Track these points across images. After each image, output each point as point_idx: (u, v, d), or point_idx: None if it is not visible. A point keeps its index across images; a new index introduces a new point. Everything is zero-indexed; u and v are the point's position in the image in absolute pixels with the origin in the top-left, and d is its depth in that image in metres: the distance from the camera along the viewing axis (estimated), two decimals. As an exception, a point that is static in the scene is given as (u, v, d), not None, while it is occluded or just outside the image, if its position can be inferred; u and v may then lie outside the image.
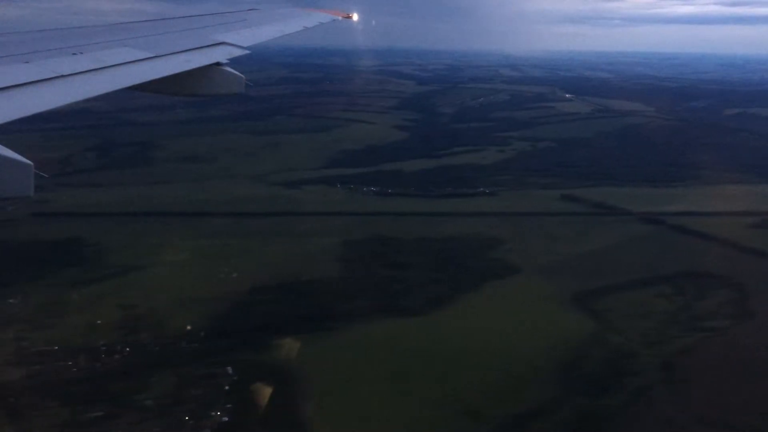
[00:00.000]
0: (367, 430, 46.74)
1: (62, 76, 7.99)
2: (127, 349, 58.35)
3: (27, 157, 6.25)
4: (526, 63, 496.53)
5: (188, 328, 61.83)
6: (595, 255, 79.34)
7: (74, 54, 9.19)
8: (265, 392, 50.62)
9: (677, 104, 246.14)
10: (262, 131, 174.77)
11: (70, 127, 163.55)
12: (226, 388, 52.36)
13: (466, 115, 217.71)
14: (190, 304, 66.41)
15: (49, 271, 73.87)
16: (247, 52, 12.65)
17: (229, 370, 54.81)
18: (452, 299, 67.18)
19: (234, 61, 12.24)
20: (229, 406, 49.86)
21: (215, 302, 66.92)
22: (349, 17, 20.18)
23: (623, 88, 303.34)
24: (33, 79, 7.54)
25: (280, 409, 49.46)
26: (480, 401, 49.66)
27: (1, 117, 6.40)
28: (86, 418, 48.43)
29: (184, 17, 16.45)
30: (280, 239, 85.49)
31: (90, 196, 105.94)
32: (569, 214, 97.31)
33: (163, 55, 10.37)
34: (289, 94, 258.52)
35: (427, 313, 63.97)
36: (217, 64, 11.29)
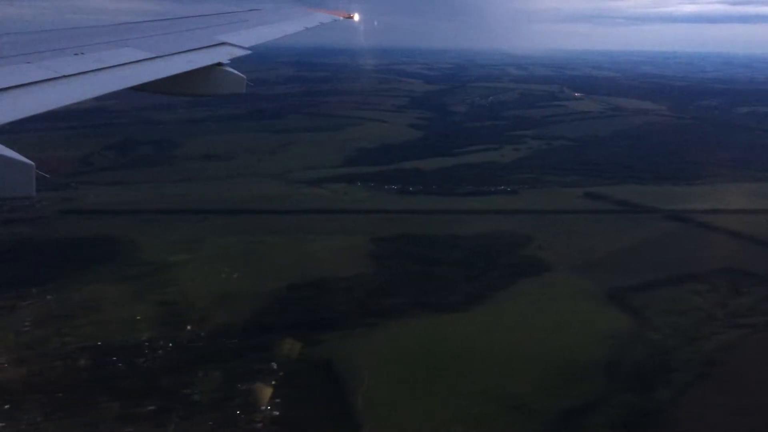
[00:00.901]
0: (420, 424, 47.02)
1: (64, 76, 7.98)
2: (170, 344, 58.81)
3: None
4: (531, 62, 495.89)
5: (228, 324, 62.29)
6: (625, 252, 79.70)
7: (76, 54, 9.17)
8: (266, 393, 50.40)
9: (687, 103, 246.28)
10: (276, 130, 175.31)
11: (84, 126, 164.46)
12: (274, 383, 52.79)
13: (478, 113, 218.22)
14: (228, 300, 66.92)
15: (84, 267, 74.38)
16: (248, 52, 12.70)
17: (274, 365, 55.26)
18: (489, 296, 67.59)
19: (239, 61, 12.36)
20: (278, 401, 50.29)
21: (253, 298, 67.43)
22: (350, 17, 20.24)
23: (631, 87, 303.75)
24: (35, 80, 7.53)
25: (331, 403, 49.87)
26: (527, 396, 50.05)
27: (3, 117, 6.40)
28: (139, 412, 48.88)
29: (185, 17, 16.55)
30: (310, 236, 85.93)
31: (115, 194, 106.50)
32: (595, 212, 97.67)
33: (164, 56, 10.42)
34: (299, 93, 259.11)
35: (466, 310, 64.39)
36: (219, 64, 11.36)
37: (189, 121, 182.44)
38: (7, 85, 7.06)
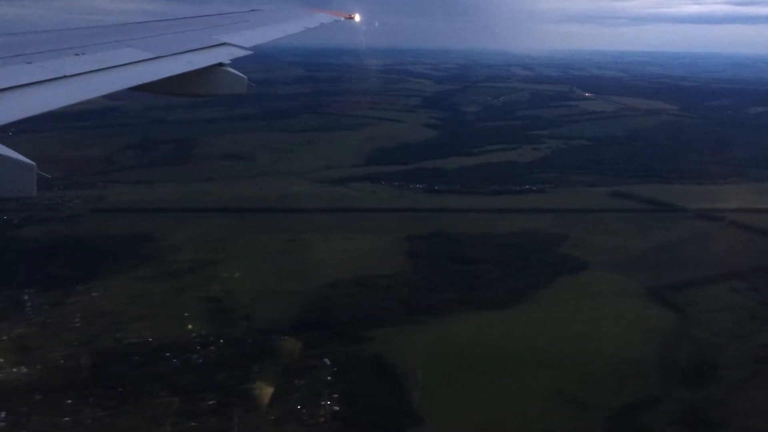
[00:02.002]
0: (479, 420, 47.50)
1: (65, 76, 7.91)
2: (221, 340, 59.30)
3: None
4: (535, 62, 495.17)
5: (275, 320, 62.80)
6: (661, 250, 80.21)
7: (77, 54, 9.12)
8: (266, 392, 50.32)
9: (698, 103, 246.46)
10: (292, 129, 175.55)
11: (100, 126, 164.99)
12: (329, 378, 53.26)
13: (491, 113, 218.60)
14: (272, 298, 67.38)
15: (124, 265, 74.86)
16: (249, 52, 12.66)
17: (327, 361, 55.71)
18: (531, 294, 68.06)
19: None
20: (335, 396, 50.75)
21: (295, 296, 67.83)
22: (351, 18, 20.14)
23: (640, 87, 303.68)
24: (36, 80, 7.46)
25: (388, 398, 50.35)
26: (583, 393, 50.52)
27: (3, 117, 6.31)
28: (200, 407, 49.34)
29: (186, 18, 16.54)
30: (343, 235, 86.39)
31: (142, 193, 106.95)
32: (624, 211, 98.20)
33: (165, 56, 10.38)
34: (309, 93, 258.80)
35: (511, 307, 64.88)
36: (220, 64, 11.33)
37: (203, 121, 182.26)
38: (7, 86, 7.00)
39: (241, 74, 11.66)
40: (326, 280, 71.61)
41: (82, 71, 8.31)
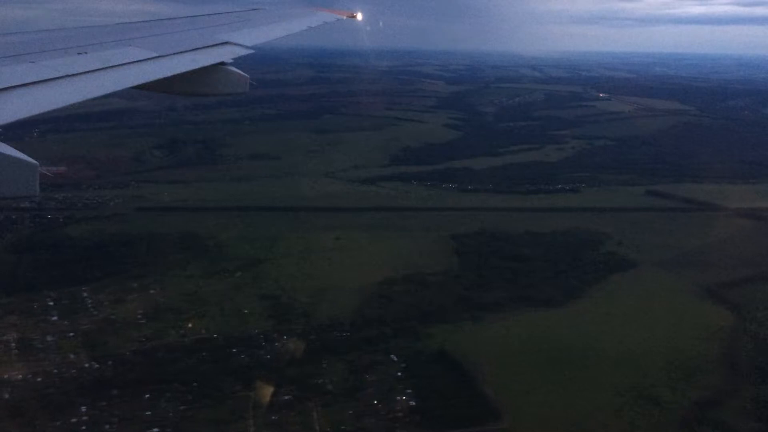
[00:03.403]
0: (557, 413, 48.01)
1: (68, 75, 7.92)
2: (284, 337, 59.90)
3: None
4: (543, 63, 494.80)
5: (334, 317, 63.40)
6: (707, 248, 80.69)
7: (80, 53, 9.14)
8: (267, 391, 50.39)
9: (714, 103, 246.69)
10: (315, 130, 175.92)
11: (123, 126, 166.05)
12: (399, 374, 53.83)
13: (509, 113, 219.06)
14: (327, 295, 67.92)
15: (176, 262, 75.58)
16: (251, 51, 12.64)
17: (394, 357, 56.29)
18: (584, 291, 68.62)
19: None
20: (409, 391, 51.29)
21: (350, 293, 68.40)
22: (354, 17, 20.09)
23: (652, 88, 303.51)
24: (39, 79, 7.48)
25: (461, 393, 50.85)
26: (654, 389, 51.01)
27: (7, 116, 6.31)
28: (276, 401, 49.91)
29: (188, 17, 16.47)
30: (387, 233, 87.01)
31: (179, 192, 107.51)
32: (663, 210, 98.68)
33: (168, 55, 10.37)
34: (325, 93, 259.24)
35: (567, 304, 65.43)
36: (222, 63, 11.31)
37: (225, 121, 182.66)
38: (10, 85, 6.99)
39: (243, 73, 11.58)
40: (378, 277, 72.25)
41: (85, 70, 8.31)
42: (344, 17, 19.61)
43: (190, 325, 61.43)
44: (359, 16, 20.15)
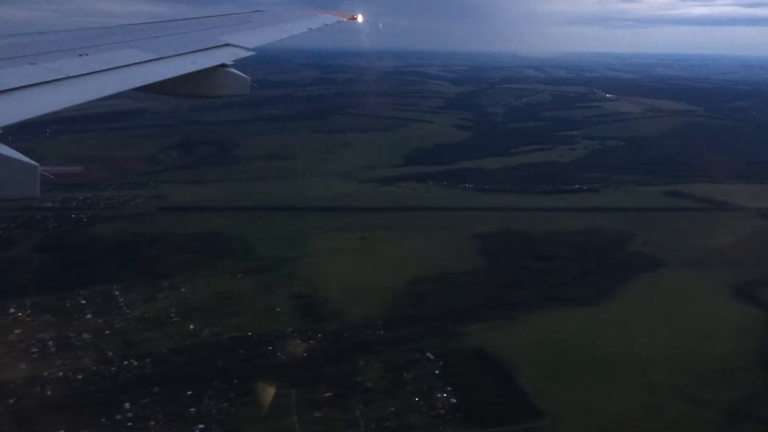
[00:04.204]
0: (596, 413, 48.28)
1: (69, 77, 7.91)
2: (319, 335, 60.15)
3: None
4: (544, 64, 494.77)
5: (367, 316, 63.62)
6: (732, 248, 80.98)
7: (80, 55, 9.14)
8: (269, 392, 50.29)
9: (721, 104, 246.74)
10: (325, 130, 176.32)
11: (134, 127, 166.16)
12: (437, 372, 54.06)
13: (517, 114, 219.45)
14: (357, 294, 68.09)
15: (204, 261, 75.80)
16: (252, 53, 12.54)
17: (430, 355, 56.50)
18: (614, 290, 68.83)
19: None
20: (449, 388, 51.53)
21: (380, 292, 68.60)
22: (354, 18, 20.03)
23: (658, 89, 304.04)
24: (40, 81, 7.48)
25: (501, 390, 51.11)
26: (692, 388, 51.29)
27: (7, 118, 6.31)
28: (318, 398, 50.18)
29: (189, 19, 16.44)
30: (410, 233, 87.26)
31: (199, 192, 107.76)
32: (683, 210, 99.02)
33: (168, 57, 10.36)
34: (331, 94, 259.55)
35: (598, 304, 65.69)
36: (223, 65, 11.28)
37: (234, 122, 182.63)
38: (11, 86, 6.97)
39: (243, 75, 11.50)
40: (407, 276, 72.46)
41: (86, 72, 8.31)
42: (345, 19, 19.62)
43: (222, 324, 61.59)
44: (359, 18, 20.15)
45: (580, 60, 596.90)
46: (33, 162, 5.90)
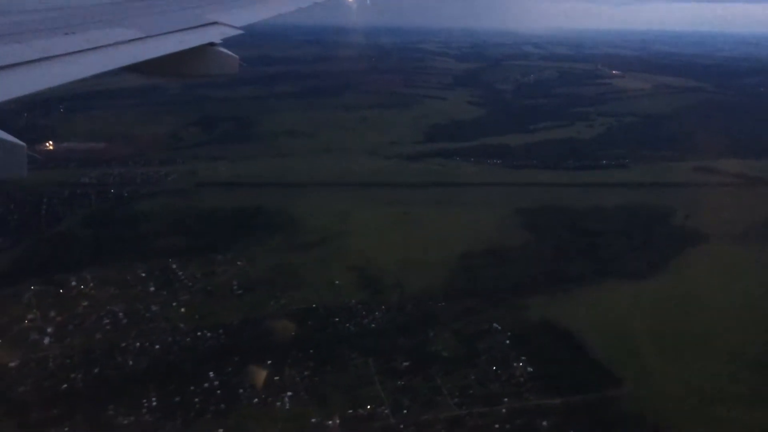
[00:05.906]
0: (672, 379, 49.48)
1: (56, 56, 7.84)
2: (383, 306, 60.95)
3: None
4: (543, 41, 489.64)
5: (426, 288, 64.41)
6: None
7: (67, 34, 9.00)
8: (261, 375, 50.26)
9: (729, 80, 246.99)
10: (342, 107, 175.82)
11: (150, 103, 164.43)
12: (507, 342, 55.11)
13: (528, 91, 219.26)
14: (411, 267, 68.76)
15: (255, 236, 76.21)
16: (240, 32, 12.46)
17: (498, 326, 57.50)
18: (666, 264, 70.00)
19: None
20: (523, 358, 52.59)
21: (434, 265, 69.36)
22: None
23: (662, 65, 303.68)
24: (26, 59, 7.39)
25: (575, 360, 52.22)
26: (764, 355, 52.50)
27: None
28: (396, 368, 51.15)
29: None
30: (452, 208, 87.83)
31: (231, 168, 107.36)
32: (718, 185, 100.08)
33: (156, 35, 10.22)
34: (338, 71, 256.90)
35: (652, 277, 66.79)
36: (211, 44, 11.12)
37: (249, 98, 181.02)
38: None
39: (232, 54, 11.29)
40: (458, 250, 73.22)
41: (72, 51, 8.24)
42: None
43: (286, 296, 62.20)
44: None
45: (577, 37, 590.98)
46: (20, 142, 5.92)
